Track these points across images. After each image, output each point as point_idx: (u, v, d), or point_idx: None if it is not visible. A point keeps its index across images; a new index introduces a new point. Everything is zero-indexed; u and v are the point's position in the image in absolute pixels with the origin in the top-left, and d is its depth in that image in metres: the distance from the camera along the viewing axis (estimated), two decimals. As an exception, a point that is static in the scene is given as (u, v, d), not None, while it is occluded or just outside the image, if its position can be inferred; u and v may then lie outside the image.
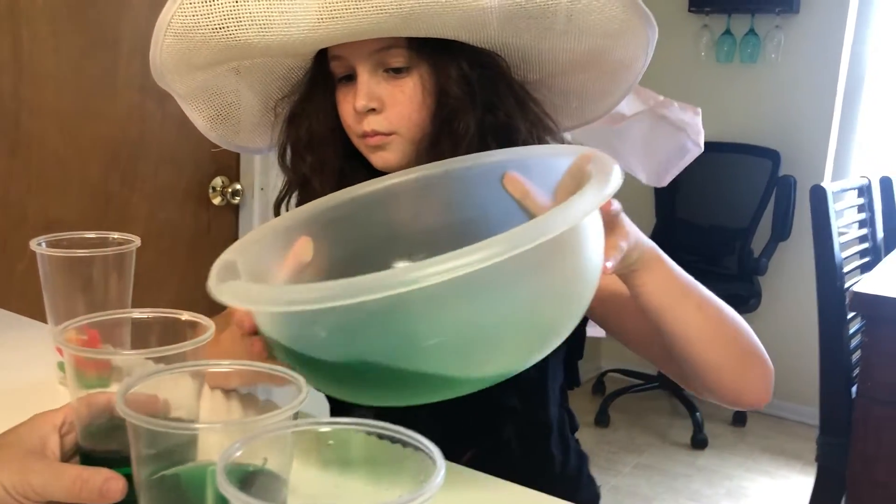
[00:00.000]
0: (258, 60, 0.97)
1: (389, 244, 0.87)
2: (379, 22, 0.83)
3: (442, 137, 0.92)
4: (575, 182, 0.71)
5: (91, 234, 0.88)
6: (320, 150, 0.99)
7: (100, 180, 1.86)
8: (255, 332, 0.67)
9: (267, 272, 0.75)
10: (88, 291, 0.84)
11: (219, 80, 1.00)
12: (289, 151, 1.03)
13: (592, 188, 0.61)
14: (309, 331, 0.57)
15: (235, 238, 2.16)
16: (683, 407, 3.42)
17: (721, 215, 3.59)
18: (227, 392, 0.79)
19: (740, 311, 3.20)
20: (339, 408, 0.51)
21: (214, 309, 0.70)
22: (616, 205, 0.72)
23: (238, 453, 0.42)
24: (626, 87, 1.02)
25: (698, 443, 3.26)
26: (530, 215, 0.81)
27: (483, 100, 0.92)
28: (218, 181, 2.06)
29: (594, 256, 0.65)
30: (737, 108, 3.54)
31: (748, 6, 3.43)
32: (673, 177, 2.80)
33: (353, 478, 0.50)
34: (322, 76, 0.97)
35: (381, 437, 0.46)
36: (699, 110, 2.93)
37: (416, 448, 0.44)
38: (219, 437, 0.52)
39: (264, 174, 2.10)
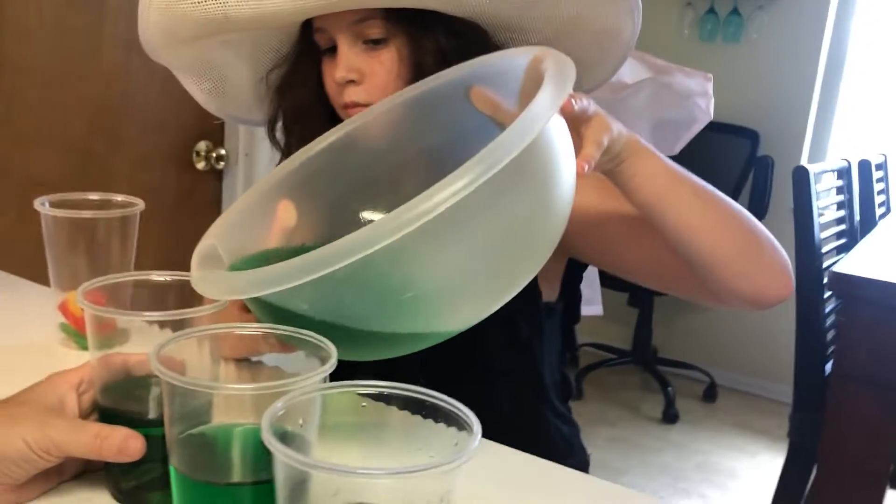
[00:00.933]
0: (246, 34, 0.98)
1: (369, 187, 0.87)
2: None
3: None
4: (535, 85, 0.67)
5: (94, 196, 0.87)
6: (307, 121, 0.99)
7: (82, 139, 1.83)
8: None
9: (256, 243, 0.75)
10: (92, 253, 0.83)
11: (210, 54, 1.01)
12: (279, 124, 1.04)
13: (545, 94, 0.59)
14: (289, 305, 0.57)
15: (218, 204, 2.15)
16: (656, 382, 3.47)
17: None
18: (238, 361, 0.80)
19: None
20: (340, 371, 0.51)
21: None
22: (583, 102, 0.71)
23: (281, 412, 0.43)
24: (617, 57, 1.02)
25: (670, 417, 3.31)
26: (503, 127, 0.80)
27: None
28: (202, 145, 2.04)
29: (563, 162, 0.63)
30: (718, 88, 3.52)
31: (733, -15, 3.44)
32: (682, 145, 2.79)
33: (386, 440, 0.51)
34: (307, 48, 0.98)
35: (418, 402, 0.46)
36: (710, 76, 2.91)
37: (452, 414, 0.44)
38: (239, 401, 0.52)
39: (249, 140, 2.07)
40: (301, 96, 0.99)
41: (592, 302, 1.92)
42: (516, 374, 1.01)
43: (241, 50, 1.01)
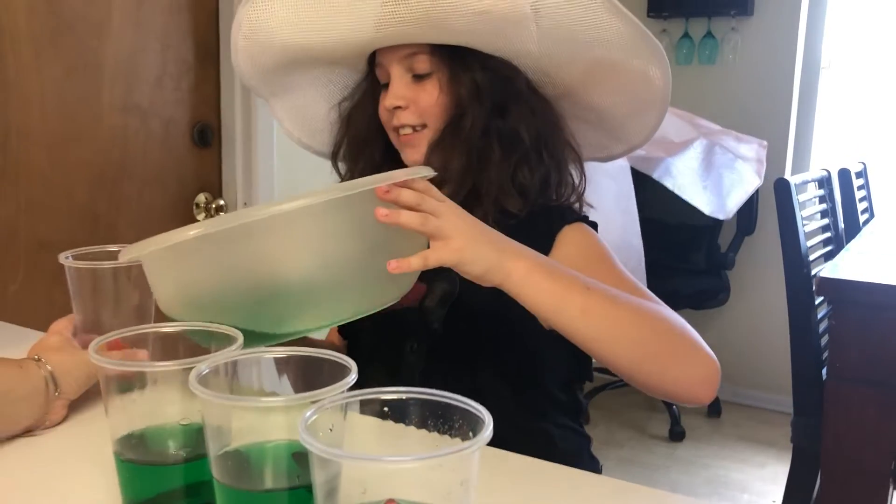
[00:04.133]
0: (320, 70, 1.15)
1: None
2: (395, 30, 0.99)
3: (446, 133, 1.05)
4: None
5: (114, 248, 0.92)
6: (366, 149, 1.15)
7: (87, 201, 1.90)
8: None
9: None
10: (114, 302, 0.89)
11: (291, 81, 1.16)
12: (342, 152, 1.18)
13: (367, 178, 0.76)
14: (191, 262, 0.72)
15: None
16: (660, 401, 3.51)
17: (687, 213, 3.67)
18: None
19: (710, 306, 3.29)
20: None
21: None
22: (407, 197, 0.78)
23: (314, 418, 0.48)
24: (653, 106, 1.08)
25: (676, 435, 3.34)
26: None
27: (493, 104, 1.04)
28: (201, 197, 2.10)
29: (374, 233, 0.77)
30: (697, 108, 3.65)
31: (705, 10, 3.55)
32: (736, 208, 2.84)
33: (407, 435, 0.56)
34: (371, 85, 1.13)
35: (434, 403, 0.52)
36: (765, 143, 2.97)
37: (466, 409, 0.50)
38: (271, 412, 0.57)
39: (247, 189, 2.14)
40: (362, 125, 1.14)
41: None
42: (516, 398, 1.06)
43: (317, 83, 1.18)
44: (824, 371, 2.07)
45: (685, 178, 2.88)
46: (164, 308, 0.79)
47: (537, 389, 1.09)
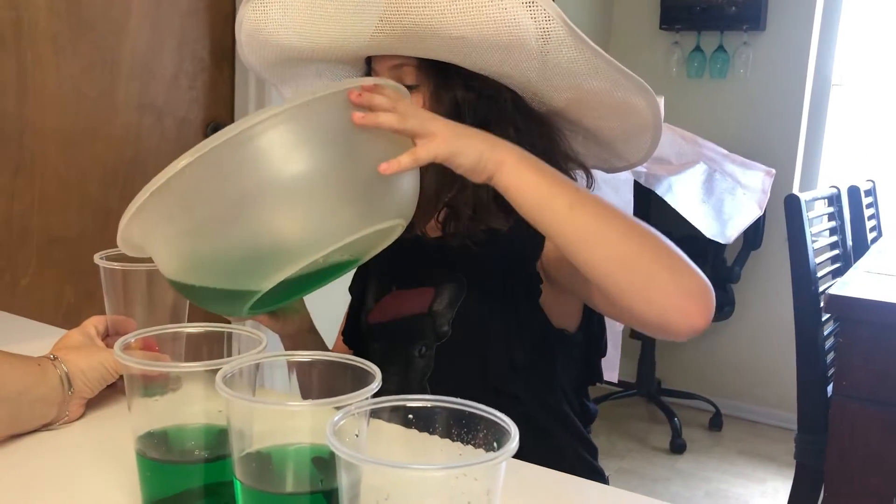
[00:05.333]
0: (324, 66, 1.13)
1: None
2: (382, 41, 0.98)
3: None
4: None
5: None
6: None
7: (99, 197, 1.91)
8: None
9: None
10: (147, 304, 0.90)
11: (299, 72, 1.15)
12: None
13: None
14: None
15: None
16: (661, 413, 3.51)
17: (692, 226, 3.69)
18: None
19: (715, 319, 3.29)
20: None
21: (214, 316, 0.83)
22: (381, 100, 0.78)
23: (341, 423, 0.49)
24: (644, 132, 1.07)
25: (677, 447, 3.34)
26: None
27: (475, 122, 1.00)
28: (213, 197, 2.10)
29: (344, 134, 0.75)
30: (707, 122, 3.66)
31: (717, 24, 3.55)
32: (735, 236, 2.82)
33: (432, 444, 0.56)
34: None
35: (459, 412, 0.53)
36: (773, 171, 2.94)
37: (492, 420, 0.51)
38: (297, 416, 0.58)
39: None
40: None
41: (612, 368, 2.00)
42: (526, 397, 1.06)
43: (323, 76, 1.17)
44: (829, 388, 2.08)
45: (687, 198, 2.89)
46: (165, 268, 0.79)
47: (548, 390, 1.08)
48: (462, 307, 1.05)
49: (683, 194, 2.88)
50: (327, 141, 0.75)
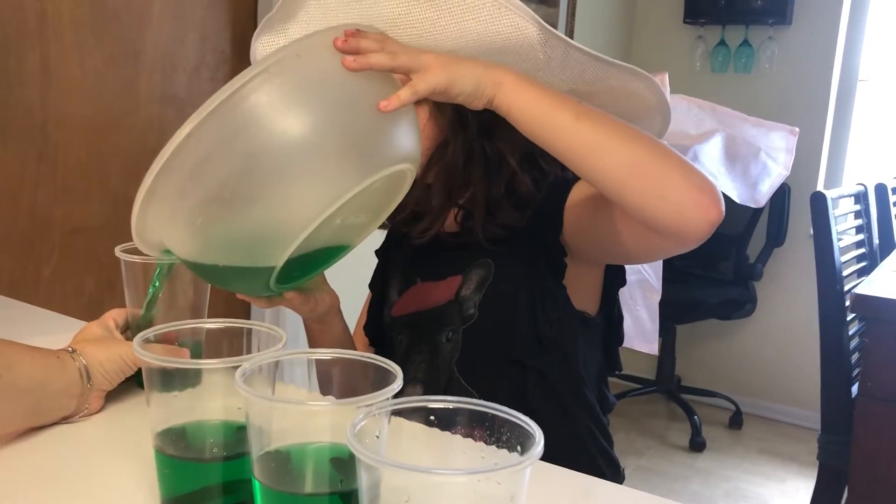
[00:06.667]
0: None
1: None
2: None
3: (433, 155, 1.03)
4: None
5: None
6: None
7: (121, 188, 1.91)
8: None
9: None
10: (167, 298, 0.89)
11: None
12: None
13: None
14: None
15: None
16: (681, 410, 3.48)
17: (716, 222, 3.67)
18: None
19: (736, 317, 3.29)
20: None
21: (231, 312, 0.82)
22: (366, 43, 0.77)
23: (362, 424, 0.48)
24: (652, 116, 1.05)
25: (697, 445, 3.32)
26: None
27: (479, 126, 1.02)
28: (234, 189, 2.10)
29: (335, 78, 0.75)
30: (731, 117, 3.62)
31: (742, 18, 3.51)
32: (767, 197, 2.79)
33: (454, 444, 0.55)
34: None
35: (481, 414, 0.52)
36: (796, 130, 2.92)
37: (515, 422, 0.49)
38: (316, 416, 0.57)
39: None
40: None
41: (651, 340, 1.97)
42: (550, 373, 1.06)
43: None
44: (854, 388, 2.05)
45: (711, 167, 2.85)
46: (182, 250, 0.78)
47: (571, 370, 1.08)
48: (488, 289, 1.06)
49: (708, 163, 2.84)
50: (323, 90, 0.74)
